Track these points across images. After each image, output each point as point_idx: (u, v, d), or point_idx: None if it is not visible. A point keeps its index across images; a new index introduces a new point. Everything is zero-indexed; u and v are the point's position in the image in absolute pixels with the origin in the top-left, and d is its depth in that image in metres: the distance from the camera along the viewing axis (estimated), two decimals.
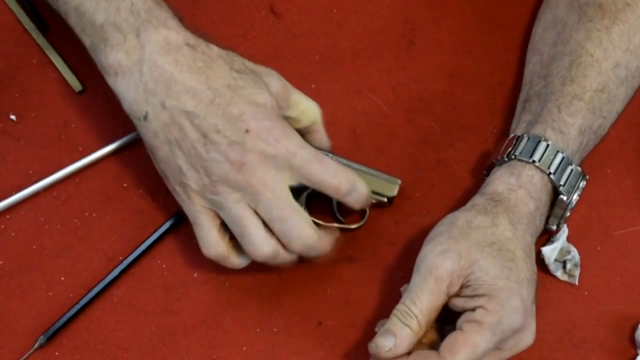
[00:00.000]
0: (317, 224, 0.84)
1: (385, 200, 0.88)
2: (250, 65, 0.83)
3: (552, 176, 0.83)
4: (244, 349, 0.85)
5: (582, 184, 0.86)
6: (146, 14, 0.81)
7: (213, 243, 0.82)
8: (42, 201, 0.90)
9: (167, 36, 0.81)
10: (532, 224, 0.83)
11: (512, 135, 0.87)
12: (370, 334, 0.85)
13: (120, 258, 0.87)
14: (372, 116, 0.94)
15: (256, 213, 0.81)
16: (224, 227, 0.83)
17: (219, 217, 0.82)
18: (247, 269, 0.87)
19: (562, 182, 0.84)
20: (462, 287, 0.79)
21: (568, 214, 0.85)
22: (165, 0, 0.84)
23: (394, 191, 0.88)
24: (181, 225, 0.88)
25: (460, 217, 0.82)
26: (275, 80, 0.84)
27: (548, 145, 0.84)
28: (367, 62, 0.96)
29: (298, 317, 0.87)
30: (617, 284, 0.88)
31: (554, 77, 0.87)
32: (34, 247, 0.88)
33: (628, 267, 0.89)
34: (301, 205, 0.83)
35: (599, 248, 0.89)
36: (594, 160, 0.91)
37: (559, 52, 0.89)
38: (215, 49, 0.82)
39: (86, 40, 0.84)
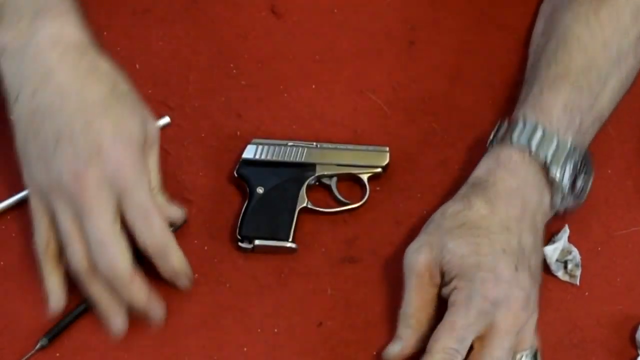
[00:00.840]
0: (318, 211, 0.88)
1: (380, 170, 0.90)
2: (134, 94, 0.83)
3: (532, 151, 0.83)
4: (245, 349, 0.85)
5: (576, 156, 0.85)
6: (46, 2, 0.81)
7: (39, 238, 0.82)
8: None
9: (61, 29, 0.80)
10: (517, 199, 0.83)
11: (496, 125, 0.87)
12: (370, 334, 0.85)
13: None
14: (373, 116, 0.94)
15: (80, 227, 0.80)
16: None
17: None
18: (247, 269, 0.87)
19: (547, 156, 0.83)
20: (442, 276, 0.81)
21: (566, 184, 0.84)
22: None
23: (385, 159, 0.90)
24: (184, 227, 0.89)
25: (437, 212, 0.84)
26: (153, 124, 0.83)
27: (525, 124, 0.84)
28: (367, 62, 0.96)
29: (298, 317, 0.87)
30: (617, 284, 0.88)
31: (542, 62, 0.88)
32: (35, 247, 0.88)
33: (629, 268, 0.89)
34: (302, 194, 0.87)
35: (599, 248, 0.89)
36: (594, 160, 0.91)
37: (547, 37, 0.89)
38: (104, 64, 0.82)
39: None
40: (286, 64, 0.95)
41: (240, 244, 0.88)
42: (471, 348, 0.80)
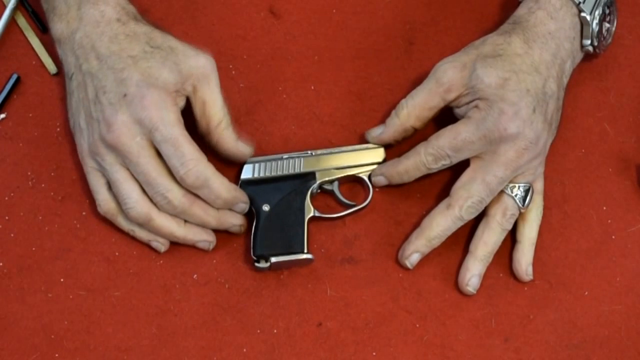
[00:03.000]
0: (321, 218, 0.88)
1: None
2: (175, 44, 0.86)
3: None
4: (244, 350, 0.85)
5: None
6: None
7: (102, 201, 0.86)
8: (41, 202, 0.89)
9: (103, 11, 0.87)
10: (552, 43, 0.87)
11: None
12: (369, 334, 0.85)
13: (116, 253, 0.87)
14: (372, 117, 0.93)
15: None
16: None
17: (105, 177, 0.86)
18: (246, 270, 0.87)
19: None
20: (463, 95, 0.86)
21: (595, 27, 0.89)
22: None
23: (381, 156, 0.91)
24: None
25: (479, 39, 0.89)
26: (193, 63, 0.86)
27: None
28: (366, 62, 0.96)
29: (298, 318, 0.86)
30: (617, 284, 0.88)
31: None
32: (34, 249, 0.88)
33: (628, 267, 0.89)
34: (307, 204, 0.87)
35: (599, 248, 0.89)
36: (594, 160, 0.92)
37: None
38: (143, 27, 0.87)
39: (44, 6, 0.91)
40: (285, 65, 0.95)
41: (256, 264, 0.87)
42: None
